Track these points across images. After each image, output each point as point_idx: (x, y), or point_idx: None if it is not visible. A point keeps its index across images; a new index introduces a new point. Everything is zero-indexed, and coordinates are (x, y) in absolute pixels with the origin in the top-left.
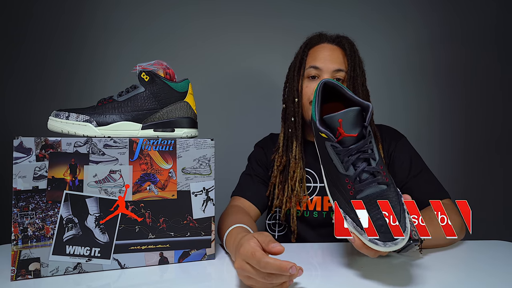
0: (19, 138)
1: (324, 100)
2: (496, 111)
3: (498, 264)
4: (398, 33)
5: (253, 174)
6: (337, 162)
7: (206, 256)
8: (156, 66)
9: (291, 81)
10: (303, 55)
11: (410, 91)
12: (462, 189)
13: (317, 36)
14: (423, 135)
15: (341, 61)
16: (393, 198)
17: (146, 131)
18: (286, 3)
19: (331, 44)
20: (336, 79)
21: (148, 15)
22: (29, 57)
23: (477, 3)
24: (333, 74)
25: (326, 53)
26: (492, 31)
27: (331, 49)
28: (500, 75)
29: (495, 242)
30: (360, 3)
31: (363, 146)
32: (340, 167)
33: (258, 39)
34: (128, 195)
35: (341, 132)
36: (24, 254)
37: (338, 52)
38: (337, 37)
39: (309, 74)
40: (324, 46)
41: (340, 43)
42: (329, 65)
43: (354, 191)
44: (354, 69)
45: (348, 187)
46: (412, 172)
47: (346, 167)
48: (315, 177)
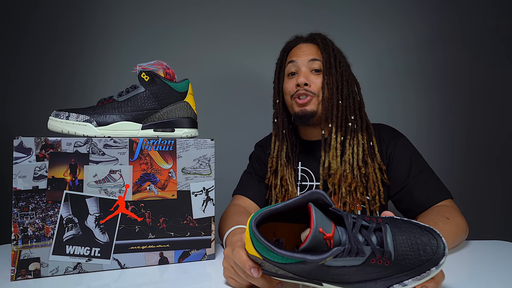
0: (19, 138)
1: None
2: (496, 111)
3: (498, 264)
4: (397, 34)
5: (254, 173)
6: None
7: (206, 256)
8: (156, 66)
9: (274, 85)
10: (282, 60)
11: (409, 92)
12: (462, 190)
13: (293, 40)
14: (422, 137)
15: (316, 53)
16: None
17: (146, 131)
18: (285, 5)
19: (306, 43)
20: (314, 71)
21: (148, 15)
22: (29, 57)
23: (477, 3)
24: (309, 65)
25: (301, 49)
26: (492, 32)
27: (305, 46)
28: (500, 75)
29: (495, 242)
30: (359, 4)
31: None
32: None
33: (258, 40)
34: (128, 195)
35: (329, 237)
36: (24, 254)
37: (313, 46)
38: (310, 35)
39: (289, 71)
40: (299, 46)
41: (314, 39)
42: (303, 57)
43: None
44: (329, 60)
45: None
46: (412, 172)
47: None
48: (311, 175)
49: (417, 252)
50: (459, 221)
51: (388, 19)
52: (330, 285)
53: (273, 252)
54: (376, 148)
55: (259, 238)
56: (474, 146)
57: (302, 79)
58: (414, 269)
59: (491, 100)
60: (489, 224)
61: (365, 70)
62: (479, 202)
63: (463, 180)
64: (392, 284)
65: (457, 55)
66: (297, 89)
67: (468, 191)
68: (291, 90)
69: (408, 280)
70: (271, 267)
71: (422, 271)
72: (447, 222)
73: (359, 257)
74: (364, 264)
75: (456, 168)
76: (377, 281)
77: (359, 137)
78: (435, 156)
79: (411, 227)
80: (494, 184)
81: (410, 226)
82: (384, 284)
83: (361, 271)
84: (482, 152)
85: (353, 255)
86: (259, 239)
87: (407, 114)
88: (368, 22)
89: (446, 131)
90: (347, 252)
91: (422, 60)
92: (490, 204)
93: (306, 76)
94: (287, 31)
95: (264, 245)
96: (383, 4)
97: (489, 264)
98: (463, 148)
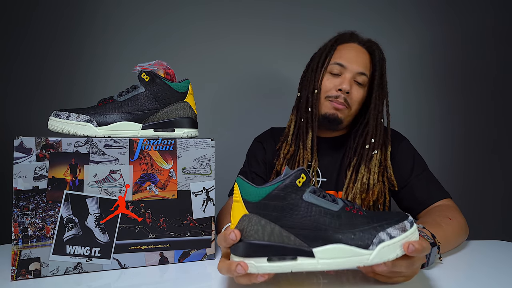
0: (20, 138)
1: None
2: (497, 112)
3: (498, 264)
4: (398, 35)
5: (249, 171)
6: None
7: (206, 256)
8: (156, 66)
9: (312, 72)
10: (331, 49)
11: (409, 92)
12: (463, 190)
13: (348, 35)
14: (423, 137)
15: (366, 65)
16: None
17: (146, 131)
18: (286, 6)
19: (361, 46)
20: (357, 82)
21: (148, 15)
22: (29, 57)
23: (477, 5)
24: (355, 76)
25: (353, 53)
26: (492, 33)
27: (359, 50)
28: (501, 76)
29: (495, 242)
30: (360, 5)
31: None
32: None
33: (259, 40)
34: (128, 195)
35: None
36: (24, 254)
37: (366, 56)
38: (368, 41)
39: (332, 70)
40: (353, 46)
41: (370, 48)
42: (354, 65)
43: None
44: (381, 77)
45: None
46: (414, 172)
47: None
48: (318, 171)
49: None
50: (460, 221)
51: (388, 20)
52: (322, 250)
53: (255, 187)
54: (389, 161)
55: (244, 179)
56: (474, 146)
57: (347, 86)
58: (391, 220)
59: (491, 100)
60: (489, 223)
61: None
62: (479, 202)
63: (463, 180)
64: (377, 232)
65: (458, 56)
66: (338, 94)
67: (468, 191)
68: (330, 90)
69: (389, 228)
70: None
71: (399, 222)
72: (449, 223)
73: (335, 204)
74: (341, 210)
75: (456, 168)
76: (361, 230)
77: (378, 152)
78: (435, 156)
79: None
80: (494, 184)
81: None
82: (370, 232)
83: (341, 217)
84: (482, 152)
85: (329, 199)
86: (243, 179)
87: (407, 115)
88: (368, 23)
89: (446, 131)
90: (319, 191)
91: (422, 61)
92: (490, 204)
93: (351, 84)
94: (288, 33)
95: (246, 182)
96: (383, 6)
97: (489, 264)
98: (462, 148)
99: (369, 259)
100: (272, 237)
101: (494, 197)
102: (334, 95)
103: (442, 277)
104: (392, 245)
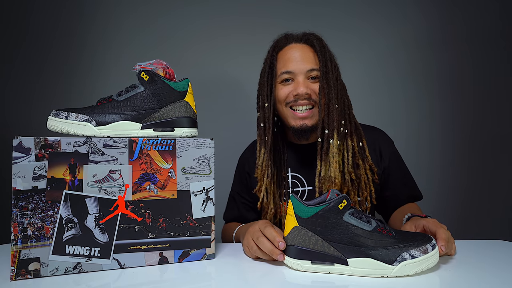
0: (19, 138)
1: None
2: (497, 111)
3: (499, 264)
4: (398, 33)
5: (237, 197)
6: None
7: (206, 256)
8: (156, 65)
9: (262, 87)
10: (272, 60)
11: (411, 91)
12: (463, 190)
13: (283, 38)
14: (424, 136)
15: (312, 60)
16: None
17: (145, 130)
18: (285, 5)
19: (299, 43)
20: (311, 78)
21: (148, 15)
22: (29, 57)
23: (479, 3)
24: (307, 75)
25: (296, 53)
26: (494, 31)
27: (300, 48)
28: (502, 75)
29: (495, 242)
30: (360, 3)
31: None
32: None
33: (259, 40)
34: (128, 195)
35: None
36: (24, 254)
37: (308, 50)
38: (304, 35)
39: (282, 79)
40: (292, 46)
41: (308, 40)
42: (301, 66)
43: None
44: (326, 64)
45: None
46: (401, 179)
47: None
48: (302, 181)
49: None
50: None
51: (388, 18)
52: (354, 261)
53: (306, 206)
54: (367, 150)
55: (297, 198)
56: (475, 146)
57: (303, 89)
58: (416, 242)
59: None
60: (490, 224)
61: (364, 70)
62: (479, 202)
63: (463, 180)
64: (401, 252)
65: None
66: (295, 98)
67: (468, 190)
68: (286, 98)
69: (412, 250)
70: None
71: (422, 244)
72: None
73: (369, 224)
74: (373, 231)
75: (456, 168)
76: (388, 249)
77: (348, 142)
78: (435, 155)
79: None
80: (494, 184)
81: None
82: (395, 252)
83: (373, 236)
84: (482, 151)
85: (365, 220)
86: (296, 198)
87: (408, 113)
88: (368, 20)
89: (446, 130)
90: (357, 213)
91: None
92: (491, 204)
93: (306, 85)
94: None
95: (298, 201)
96: (383, 3)
97: (490, 264)
98: (463, 147)
99: (391, 273)
100: (316, 246)
101: (495, 197)
102: (292, 100)
103: (442, 277)
104: (413, 264)
